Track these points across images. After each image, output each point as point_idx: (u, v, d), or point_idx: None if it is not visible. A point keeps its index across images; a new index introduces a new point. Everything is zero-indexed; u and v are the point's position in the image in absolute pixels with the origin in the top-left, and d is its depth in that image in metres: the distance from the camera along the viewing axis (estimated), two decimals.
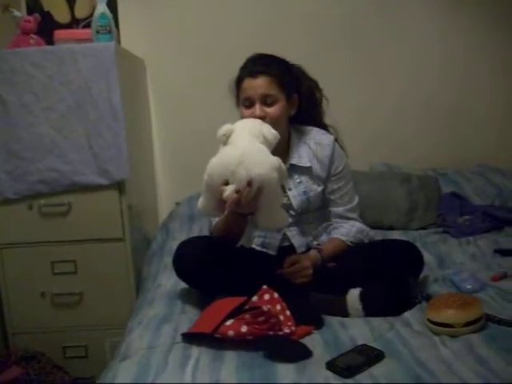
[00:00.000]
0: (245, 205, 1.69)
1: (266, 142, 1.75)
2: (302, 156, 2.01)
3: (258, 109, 1.89)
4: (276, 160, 1.71)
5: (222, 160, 1.71)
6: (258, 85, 1.89)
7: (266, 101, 1.90)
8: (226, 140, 1.76)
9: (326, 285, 1.83)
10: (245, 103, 1.93)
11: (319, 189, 2.02)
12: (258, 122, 1.81)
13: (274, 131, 1.79)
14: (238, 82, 1.97)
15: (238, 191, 1.66)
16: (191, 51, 2.92)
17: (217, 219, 1.94)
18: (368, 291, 1.77)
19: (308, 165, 2.00)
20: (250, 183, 1.66)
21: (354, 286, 1.79)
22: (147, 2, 2.89)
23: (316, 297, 1.80)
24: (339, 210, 2.05)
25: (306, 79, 2.07)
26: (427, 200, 2.65)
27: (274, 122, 1.87)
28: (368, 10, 2.90)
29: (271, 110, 1.90)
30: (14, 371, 2.22)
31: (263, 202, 1.71)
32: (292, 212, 1.99)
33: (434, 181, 2.75)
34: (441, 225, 2.57)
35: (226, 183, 1.69)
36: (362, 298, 1.75)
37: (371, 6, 2.90)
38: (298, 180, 2.00)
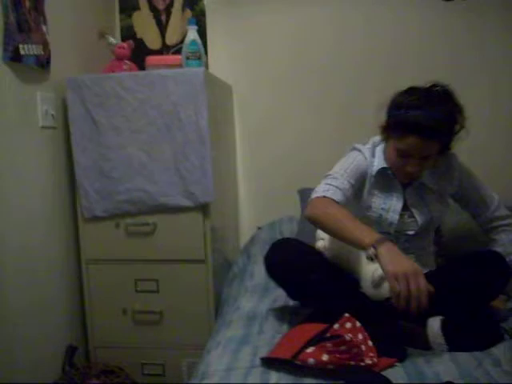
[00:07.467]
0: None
1: None
2: (431, 176, 1.98)
3: (412, 166, 1.84)
4: None
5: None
6: (425, 147, 1.79)
7: (424, 156, 1.83)
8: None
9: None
10: (399, 152, 1.85)
11: (444, 209, 2.02)
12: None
13: None
14: (400, 127, 1.82)
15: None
16: (277, 78, 2.94)
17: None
18: (450, 322, 1.69)
19: (436, 187, 1.99)
20: None
21: (436, 310, 1.70)
22: (235, 28, 2.95)
23: (402, 326, 1.73)
24: (487, 214, 2.03)
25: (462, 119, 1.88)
26: None
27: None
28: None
29: (425, 164, 1.86)
30: None
31: None
32: (410, 232, 1.97)
33: None
34: None
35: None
36: (444, 330, 1.68)
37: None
38: (424, 199, 1.99)
